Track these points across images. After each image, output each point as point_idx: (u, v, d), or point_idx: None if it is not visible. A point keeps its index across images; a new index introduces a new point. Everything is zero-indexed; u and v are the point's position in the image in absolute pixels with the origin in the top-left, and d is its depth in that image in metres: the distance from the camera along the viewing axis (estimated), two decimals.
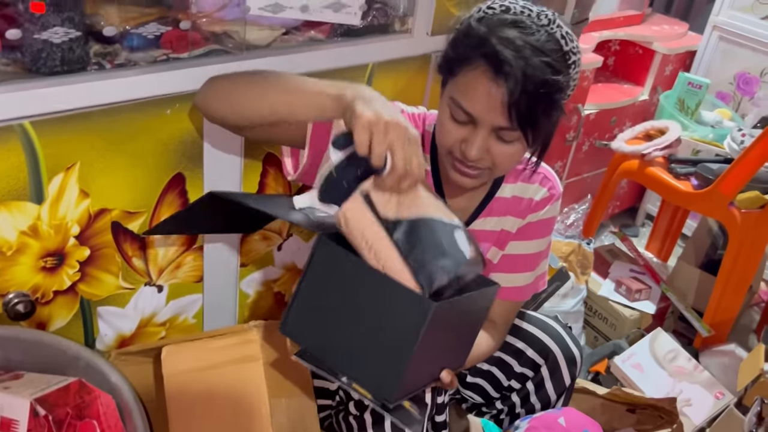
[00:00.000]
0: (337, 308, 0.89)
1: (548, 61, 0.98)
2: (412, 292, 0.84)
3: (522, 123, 0.99)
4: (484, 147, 1.03)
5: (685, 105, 2.31)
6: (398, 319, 0.85)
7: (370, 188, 0.89)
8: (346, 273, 0.88)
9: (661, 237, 2.62)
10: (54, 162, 1.06)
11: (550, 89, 0.99)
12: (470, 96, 1.01)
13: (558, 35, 1.01)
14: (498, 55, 0.97)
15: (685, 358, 1.88)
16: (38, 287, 1.14)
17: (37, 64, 1.01)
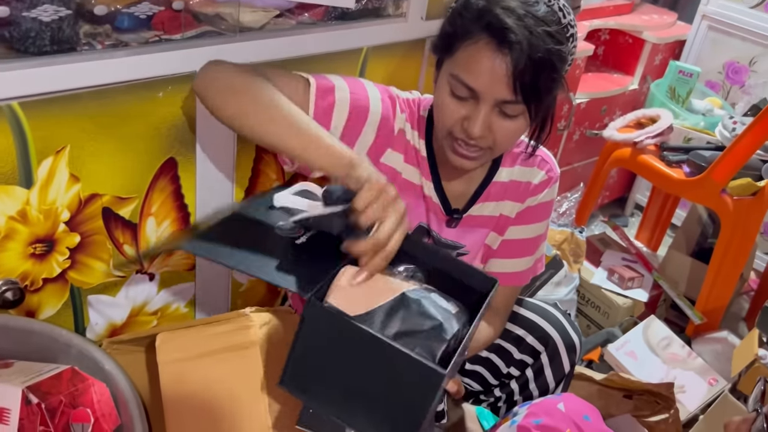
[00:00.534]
0: (336, 367, 0.86)
1: (550, 31, 0.97)
2: (418, 361, 0.80)
3: (527, 95, 0.98)
4: (487, 123, 1.01)
5: (676, 93, 2.31)
6: (405, 384, 0.82)
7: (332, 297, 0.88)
8: (341, 334, 0.84)
9: (650, 226, 2.62)
10: (43, 145, 1.04)
11: (553, 59, 0.97)
12: (473, 69, 0.99)
13: (556, 7, 1.00)
14: (502, 25, 0.95)
15: (678, 346, 1.89)
16: (27, 274, 1.11)
17: (25, 43, 0.98)
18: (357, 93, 1.08)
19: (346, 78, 1.11)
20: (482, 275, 1.03)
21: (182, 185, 1.24)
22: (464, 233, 1.24)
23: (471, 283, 1.03)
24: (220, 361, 1.09)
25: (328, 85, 1.06)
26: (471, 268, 1.04)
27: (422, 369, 0.81)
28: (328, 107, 1.05)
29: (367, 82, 1.13)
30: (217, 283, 1.43)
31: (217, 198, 1.31)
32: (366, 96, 1.09)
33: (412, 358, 0.81)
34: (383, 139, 1.12)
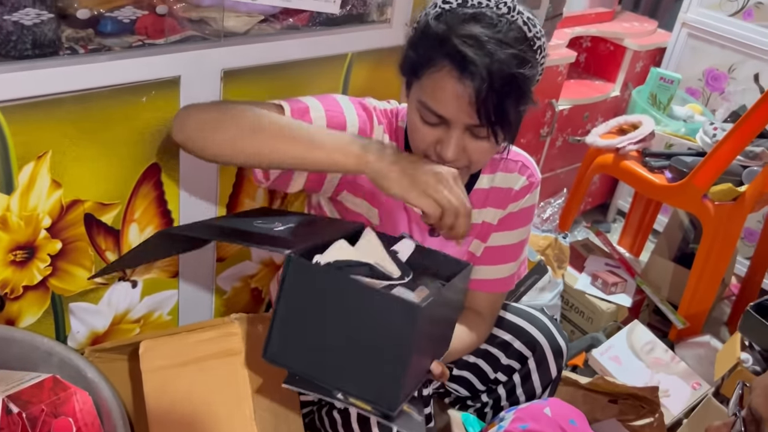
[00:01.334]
0: (318, 325, 0.87)
1: (514, 53, 0.94)
2: (395, 297, 0.82)
3: (492, 119, 0.97)
4: (460, 146, 1.01)
5: (657, 100, 2.33)
6: (385, 327, 0.83)
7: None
8: (321, 288, 0.86)
9: (633, 232, 2.64)
10: (25, 150, 1.02)
11: (518, 82, 0.96)
12: (438, 98, 0.98)
13: (520, 22, 0.98)
14: (461, 55, 0.93)
15: (662, 350, 1.90)
16: (7, 282, 1.10)
17: (6, 47, 0.96)
18: (332, 110, 1.07)
19: (318, 97, 1.10)
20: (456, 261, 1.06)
21: (165, 191, 1.23)
22: (447, 242, 1.23)
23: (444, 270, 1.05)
24: (204, 368, 1.08)
25: (302, 107, 1.05)
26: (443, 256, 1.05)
27: (399, 304, 0.82)
28: None
29: (340, 98, 1.12)
30: (201, 290, 1.42)
31: (201, 204, 1.30)
32: (341, 112, 1.08)
33: (389, 296, 0.83)
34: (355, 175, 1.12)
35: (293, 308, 0.87)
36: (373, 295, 0.83)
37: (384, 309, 0.83)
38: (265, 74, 1.26)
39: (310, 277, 0.86)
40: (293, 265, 0.86)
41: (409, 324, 0.82)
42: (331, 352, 0.87)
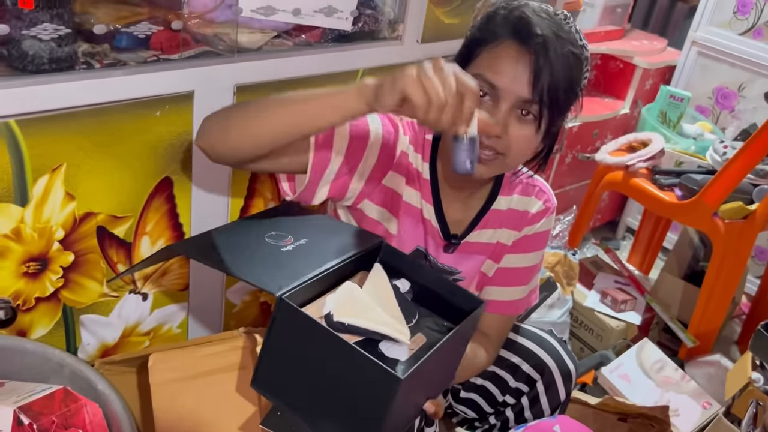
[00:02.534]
0: (304, 366, 0.87)
1: (570, 40, 1.01)
2: (376, 364, 0.81)
3: (544, 97, 1.00)
4: (504, 123, 1.02)
5: (667, 117, 2.33)
6: (365, 387, 0.83)
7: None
8: (308, 335, 0.85)
9: (642, 250, 2.63)
10: (39, 163, 1.03)
11: (572, 63, 1.00)
12: (496, 67, 1.01)
13: (573, 30, 1.04)
14: (528, 23, 0.99)
15: (672, 369, 1.88)
16: (20, 293, 1.10)
17: (24, 61, 0.98)
18: (356, 121, 1.09)
19: None
20: (469, 296, 1.03)
21: (177, 204, 1.24)
22: (461, 259, 1.24)
23: (458, 303, 1.03)
24: (212, 382, 1.09)
25: None
26: (458, 289, 1.04)
27: (380, 373, 0.81)
28: (328, 136, 1.05)
29: None
30: (211, 303, 1.42)
31: (213, 217, 1.30)
32: (365, 120, 1.10)
33: (371, 362, 0.81)
34: (385, 162, 1.13)
35: (281, 345, 0.88)
36: (357, 356, 0.82)
37: (365, 371, 0.82)
38: (278, 89, 1.27)
39: (297, 322, 0.86)
40: (281, 308, 0.86)
41: (388, 393, 0.81)
42: (313, 395, 0.87)
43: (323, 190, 1.09)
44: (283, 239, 1.00)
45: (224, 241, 1.01)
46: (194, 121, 1.17)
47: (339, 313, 0.88)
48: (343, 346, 0.82)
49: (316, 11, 1.27)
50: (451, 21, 1.51)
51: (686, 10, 3.09)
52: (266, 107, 0.97)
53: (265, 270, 0.92)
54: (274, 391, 0.89)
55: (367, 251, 1.04)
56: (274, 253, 0.97)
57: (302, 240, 1.03)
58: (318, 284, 0.93)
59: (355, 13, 1.32)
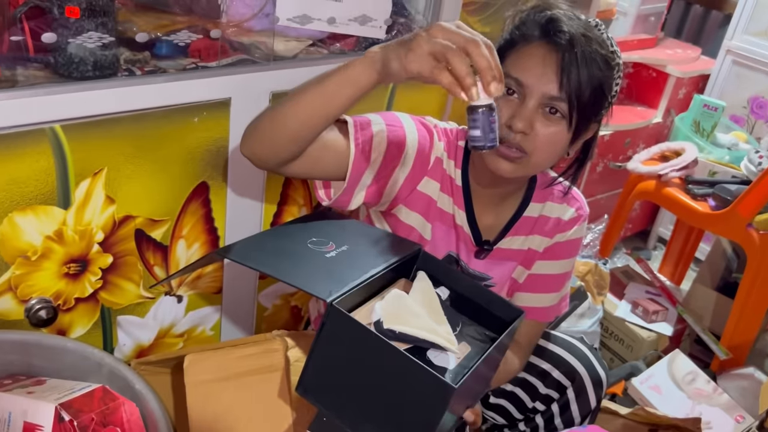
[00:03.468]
0: (352, 373, 0.87)
1: (600, 42, 1.02)
2: (429, 372, 0.81)
3: (569, 93, 1.00)
4: (531, 120, 1.03)
5: (701, 127, 2.31)
6: (417, 395, 0.83)
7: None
8: (358, 342, 0.86)
9: (674, 260, 2.60)
10: (82, 167, 1.06)
11: (599, 61, 1.01)
12: (523, 64, 1.03)
13: (604, 36, 1.05)
14: (556, 22, 1.01)
15: (704, 381, 1.86)
16: (60, 294, 1.13)
17: (69, 68, 1.01)
18: (393, 125, 1.10)
19: (380, 113, 1.12)
20: (508, 305, 1.04)
21: (213, 209, 1.27)
22: (492, 265, 1.24)
23: (496, 311, 1.04)
24: (246, 383, 1.10)
25: (365, 120, 1.08)
26: (496, 297, 1.05)
27: (433, 381, 0.81)
28: (368, 139, 1.06)
29: (401, 114, 1.14)
30: (243, 306, 1.44)
31: (247, 222, 1.33)
32: (402, 127, 1.11)
33: (423, 370, 0.81)
34: (420, 168, 1.14)
35: (330, 351, 0.88)
36: (408, 363, 0.82)
37: (417, 380, 0.82)
38: None
39: (347, 328, 0.86)
40: (332, 314, 0.86)
41: (442, 401, 0.81)
42: (360, 402, 0.87)
43: (359, 195, 1.11)
44: (325, 245, 1.01)
45: (269, 246, 1.02)
46: (231, 127, 1.20)
47: (389, 320, 0.89)
48: (395, 353, 0.82)
49: (350, 20, 1.28)
50: (485, 29, 1.52)
51: (721, 19, 3.05)
52: (290, 99, 0.98)
53: (313, 276, 0.93)
54: (319, 396, 0.89)
55: (407, 259, 1.05)
56: (318, 259, 0.98)
57: (344, 246, 1.03)
58: (363, 291, 0.94)
59: (389, 22, 1.34)
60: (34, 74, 1.00)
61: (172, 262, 1.26)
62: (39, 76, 1.01)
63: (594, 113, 1.06)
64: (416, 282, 1.00)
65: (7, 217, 1.02)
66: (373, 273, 0.96)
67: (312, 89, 0.96)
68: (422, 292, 0.99)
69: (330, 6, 1.24)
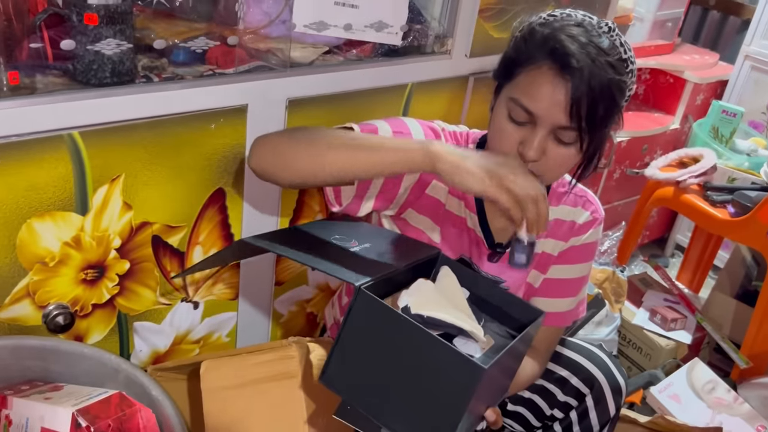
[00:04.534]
0: (378, 360, 0.87)
1: (611, 62, 0.98)
2: (459, 353, 0.81)
3: (583, 122, 0.98)
4: (542, 147, 1.02)
5: (719, 133, 2.28)
6: (445, 377, 0.83)
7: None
8: (387, 326, 0.85)
9: (692, 268, 2.58)
10: (100, 173, 1.07)
11: (612, 89, 0.98)
12: (533, 93, 1.00)
13: (618, 42, 1.02)
14: (565, 50, 0.97)
15: (724, 390, 1.83)
16: (78, 299, 1.14)
17: (87, 75, 1.02)
18: (399, 131, 1.09)
19: (387, 119, 1.12)
20: (527, 306, 1.03)
21: (229, 215, 1.27)
22: (506, 269, 1.23)
23: (515, 314, 1.03)
24: (262, 390, 1.10)
25: (371, 127, 1.08)
26: (515, 299, 1.04)
27: (463, 363, 0.81)
28: None
29: (408, 120, 1.14)
30: (259, 313, 1.44)
31: (263, 228, 1.32)
32: (409, 133, 1.10)
33: (453, 351, 0.81)
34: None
35: (356, 338, 0.88)
36: (438, 345, 0.82)
37: (446, 362, 0.82)
38: (329, 103, 1.29)
39: (375, 312, 0.85)
40: (360, 298, 0.86)
41: (471, 383, 0.81)
42: (386, 390, 0.87)
43: (369, 203, 1.11)
44: (348, 242, 1.01)
45: (295, 239, 1.02)
46: (247, 133, 1.20)
47: (416, 306, 0.89)
48: (423, 335, 0.82)
49: (366, 26, 1.28)
50: (500, 35, 1.51)
51: (739, 24, 3.03)
52: (327, 148, 0.98)
53: (340, 263, 0.93)
54: (342, 387, 0.89)
55: (426, 261, 1.04)
56: (344, 251, 0.99)
57: (366, 244, 1.04)
58: (386, 284, 0.94)
59: (405, 28, 1.34)
60: (53, 81, 1.01)
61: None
62: (57, 83, 1.01)
63: (606, 132, 1.04)
64: (440, 276, 1.00)
65: (26, 223, 1.03)
66: (397, 267, 0.96)
67: (358, 153, 0.97)
68: (447, 286, 0.99)
69: (346, 12, 1.24)
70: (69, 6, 0.99)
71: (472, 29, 1.45)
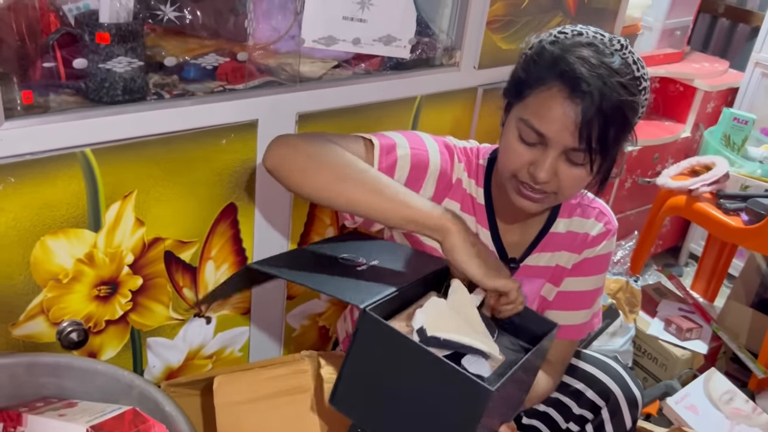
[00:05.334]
0: (386, 383, 0.87)
1: (623, 83, 0.97)
2: (466, 376, 0.81)
3: (594, 145, 0.98)
4: (553, 169, 1.01)
5: (731, 140, 2.27)
6: (453, 399, 0.82)
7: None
8: (393, 348, 0.85)
9: (707, 276, 2.55)
10: (112, 190, 1.07)
11: (624, 110, 0.97)
12: (543, 116, 0.99)
13: (630, 60, 1.01)
14: (575, 73, 0.96)
15: (742, 400, 1.81)
16: (91, 316, 1.14)
17: (99, 93, 1.03)
18: (417, 148, 1.10)
19: (405, 133, 1.12)
20: (540, 318, 1.03)
21: (241, 230, 1.27)
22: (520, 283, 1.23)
23: (528, 325, 1.03)
24: (275, 404, 1.09)
25: (390, 143, 1.08)
26: (528, 311, 1.04)
27: (470, 385, 0.80)
28: (391, 164, 1.07)
29: (424, 136, 1.14)
30: (271, 327, 1.44)
31: (274, 242, 1.33)
32: (425, 149, 1.11)
33: (460, 374, 0.80)
34: (442, 190, 1.13)
35: (363, 361, 0.87)
36: (445, 367, 0.81)
37: (453, 384, 0.81)
38: (338, 117, 1.30)
39: (381, 334, 0.85)
40: (366, 320, 0.86)
41: (479, 405, 0.81)
42: (395, 411, 0.86)
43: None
44: (356, 260, 1.01)
45: (302, 261, 1.03)
46: (258, 148, 1.21)
47: (432, 328, 0.88)
48: (429, 357, 0.82)
49: (375, 40, 1.29)
50: (509, 47, 1.52)
51: (748, 32, 3.02)
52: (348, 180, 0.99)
53: (346, 286, 0.93)
54: (352, 408, 0.89)
55: (435, 273, 1.04)
56: (350, 272, 0.99)
57: (374, 261, 1.04)
58: (394, 302, 0.94)
59: (413, 41, 1.34)
60: (66, 99, 1.02)
61: (201, 284, 1.26)
62: (70, 101, 1.02)
63: (618, 148, 1.04)
64: (452, 291, 1.00)
65: (40, 241, 1.04)
66: (404, 285, 0.96)
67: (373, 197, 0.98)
68: (459, 301, 0.98)
69: (355, 27, 1.25)
70: (81, 25, 1.00)
71: (480, 41, 1.46)
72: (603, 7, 1.74)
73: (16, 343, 1.08)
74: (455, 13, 1.44)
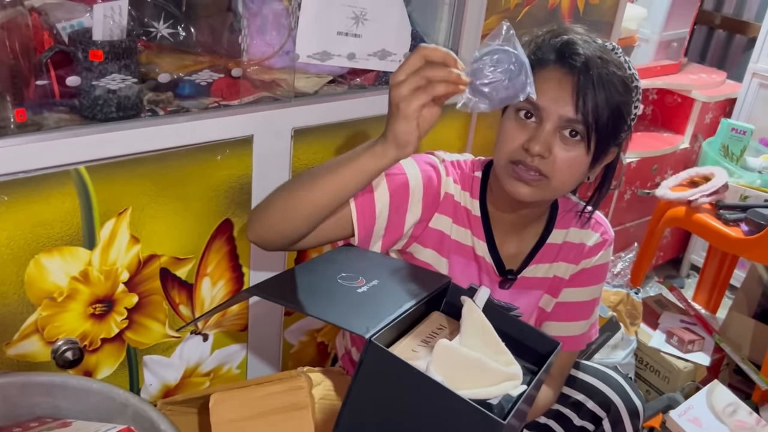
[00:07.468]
0: (393, 413, 0.85)
1: (615, 61, 1.03)
2: (475, 408, 0.79)
3: (589, 116, 1.00)
4: (548, 143, 1.02)
5: (730, 151, 2.27)
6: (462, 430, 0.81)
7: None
8: (399, 378, 0.83)
9: (708, 288, 2.54)
10: (106, 207, 1.07)
11: (616, 83, 1.01)
12: (539, 88, 1.00)
13: (621, 60, 1.04)
14: (572, 49, 1.02)
15: (746, 412, 1.79)
16: (86, 334, 1.14)
17: (93, 110, 1.03)
18: (393, 174, 1.08)
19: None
20: (542, 336, 1.01)
21: (237, 246, 1.26)
22: (517, 295, 1.22)
23: (530, 343, 1.01)
24: (272, 422, 1.08)
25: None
26: (529, 329, 1.02)
27: (481, 418, 0.78)
28: (368, 199, 1.06)
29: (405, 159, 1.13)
30: (269, 344, 1.43)
31: (271, 259, 1.32)
32: (403, 172, 1.09)
33: (470, 406, 0.79)
34: (430, 206, 1.13)
35: (368, 389, 0.86)
36: (453, 399, 0.80)
37: (463, 415, 0.80)
38: (334, 132, 1.30)
39: (387, 365, 0.83)
40: (371, 351, 0.84)
41: None
42: None
43: (376, 246, 1.11)
44: (355, 281, 0.99)
45: (299, 284, 1.01)
46: (254, 164, 1.20)
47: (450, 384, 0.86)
48: (438, 388, 0.80)
49: (369, 55, 1.29)
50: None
51: (745, 43, 3.03)
52: (302, 186, 0.99)
53: (347, 311, 0.91)
54: None
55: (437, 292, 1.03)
56: (350, 294, 0.97)
57: (374, 281, 1.02)
58: (397, 326, 0.92)
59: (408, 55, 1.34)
60: (60, 117, 1.02)
61: (197, 301, 1.25)
62: (64, 119, 1.02)
63: (613, 136, 1.05)
64: (464, 311, 0.98)
65: (34, 259, 1.03)
66: (407, 307, 0.94)
67: (326, 178, 0.97)
68: (473, 323, 0.96)
69: (349, 42, 1.25)
70: (75, 43, 1.00)
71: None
72: (599, 19, 1.74)
73: (10, 362, 1.08)
74: (450, 26, 1.44)
